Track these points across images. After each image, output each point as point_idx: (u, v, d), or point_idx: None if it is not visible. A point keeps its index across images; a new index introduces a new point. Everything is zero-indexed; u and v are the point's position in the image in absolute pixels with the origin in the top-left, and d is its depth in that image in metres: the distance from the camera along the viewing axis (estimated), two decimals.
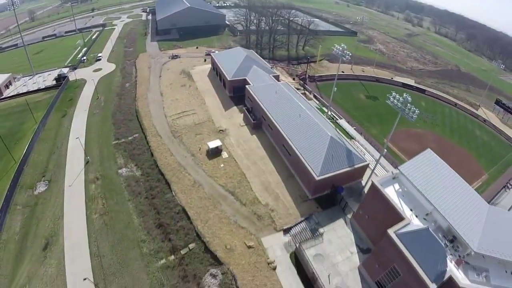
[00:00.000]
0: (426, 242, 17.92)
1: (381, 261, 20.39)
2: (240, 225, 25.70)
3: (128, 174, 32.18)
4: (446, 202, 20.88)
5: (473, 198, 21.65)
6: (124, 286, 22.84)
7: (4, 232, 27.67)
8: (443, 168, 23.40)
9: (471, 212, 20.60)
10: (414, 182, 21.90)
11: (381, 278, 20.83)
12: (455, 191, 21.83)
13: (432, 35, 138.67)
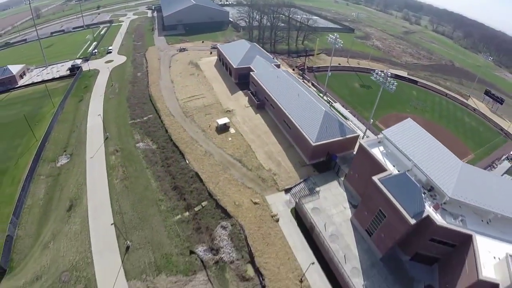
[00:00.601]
0: (405, 185, 22.11)
1: (369, 208, 24.61)
2: (247, 186, 30.21)
3: (145, 147, 36.89)
4: (424, 159, 25.17)
5: (448, 157, 25.79)
6: (144, 237, 27.09)
7: (29, 198, 32.07)
8: (421, 132, 27.83)
9: (446, 167, 24.75)
10: (395, 143, 26.27)
11: (370, 225, 24.97)
12: (432, 151, 26.13)
13: (429, 33, 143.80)
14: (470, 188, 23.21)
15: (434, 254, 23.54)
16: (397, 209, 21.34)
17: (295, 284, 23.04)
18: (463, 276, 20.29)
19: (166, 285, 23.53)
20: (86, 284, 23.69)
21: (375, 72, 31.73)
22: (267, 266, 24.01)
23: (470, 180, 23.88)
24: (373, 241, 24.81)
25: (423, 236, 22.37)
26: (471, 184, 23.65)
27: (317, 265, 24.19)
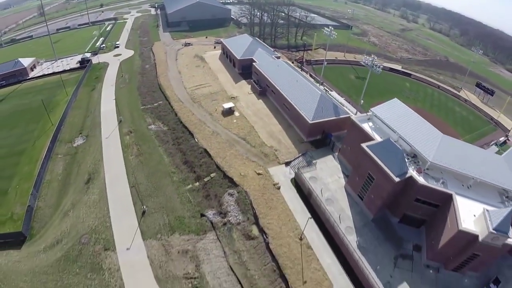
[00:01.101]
0: (389, 149, 25.80)
1: (359, 173, 28.38)
2: (251, 160, 34.13)
3: (156, 129, 40.96)
4: (408, 132, 28.76)
5: (430, 130, 29.37)
6: (159, 203, 30.92)
7: (47, 174, 35.80)
8: (406, 110, 31.67)
9: (428, 138, 28.34)
10: (382, 118, 30.10)
11: (361, 189, 28.60)
12: (415, 124, 29.79)
13: (426, 30, 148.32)
14: (450, 155, 26.91)
15: (420, 216, 27.04)
16: (383, 169, 25.12)
17: (295, 241, 26.71)
18: (446, 231, 23.87)
19: (180, 243, 27.27)
20: (104, 244, 27.15)
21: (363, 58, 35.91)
22: (270, 226, 27.72)
23: (450, 149, 27.63)
24: (365, 204, 28.48)
25: (409, 196, 25.91)
26: (451, 152, 27.37)
27: (315, 225, 27.77)
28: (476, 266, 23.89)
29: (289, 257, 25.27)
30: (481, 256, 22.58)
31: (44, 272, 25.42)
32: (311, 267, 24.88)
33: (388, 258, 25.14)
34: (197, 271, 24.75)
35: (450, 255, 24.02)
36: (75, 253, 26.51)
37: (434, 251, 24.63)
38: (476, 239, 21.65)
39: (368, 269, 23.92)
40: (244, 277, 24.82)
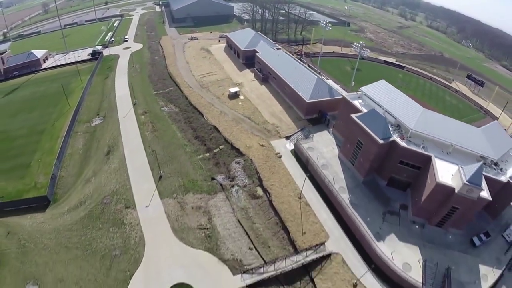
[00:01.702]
0: (374, 117, 30.90)
1: (350, 141, 33.46)
2: (255, 134, 39.36)
3: (169, 110, 46.24)
4: (392, 106, 33.81)
5: (412, 104, 34.37)
6: (174, 169, 35.86)
7: (69, 149, 40.74)
8: (392, 88, 36.83)
9: (411, 111, 33.36)
10: (370, 96, 35.22)
11: (352, 155, 33.55)
12: (399, 100, 34.96)
13: (423, 28, 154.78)
14: (430, 125, 31.62)
15: (405, 178, 31.79)
16: (369, 134, 30.16)
17: (295, 199, 31.50)
18: (426, 186, 28.44)
19: (193, 201, 31.99)
20: (125, 203, 31.62)
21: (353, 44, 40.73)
22: (272, 188, 32.56)
23: (430, 120, 32.48)
24: (356, 168, 33.54)
25: (393, 159, 30.74)
26: (431, 122, 32.14)
27: (312, 187, 32.41)
28: (458, 223, 28.33)
29: (290, 212, 30.04)
30: (460, 210, 26.91)
31: (68, 229, 29.65)
32: (309, 221, 29.55)
33: (377, 213, 29.84)
34: (209, 223, 29.44)
35: (432, 209, 28.55)
36: (98, 211, 30.93)
37: (418, 207, 29.27)
38: (453, 191, 26.10)
39: (359, 221, 28.49)
40: (250, 229, 29.51)
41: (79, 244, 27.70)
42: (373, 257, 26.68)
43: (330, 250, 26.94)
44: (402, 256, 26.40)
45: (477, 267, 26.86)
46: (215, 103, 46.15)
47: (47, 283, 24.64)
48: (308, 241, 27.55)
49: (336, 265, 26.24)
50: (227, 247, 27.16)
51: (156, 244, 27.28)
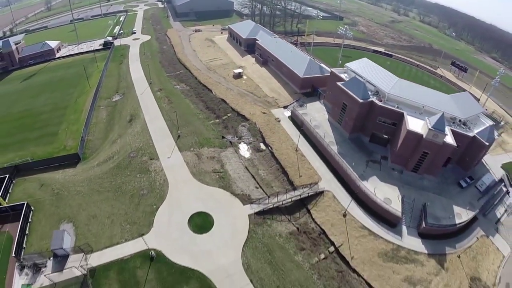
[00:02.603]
0: (355, 83, 39.80)
1: (337, 105, 42.19)
2: (258, 104, 48.29)
3: (181, 88, 55.05)
4: (372, 77, 42.50)
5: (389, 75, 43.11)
6: (190, 130, 43.83)
7: (93, 119, 48.18)
8: (372, 64, 45.87)
9: (387, 80, 42.08)
10: (354, 69, 44.09)
11: (339, 117, 42.16)
12: (378, 72, 43.95)
13: (415, 22, 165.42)
14: (404, 91, 40.22)
15: (384, 134, 40.21)
16: (351, 96, 39.02)
17: (293, 152, 39.96)
18: (401, 136, 36.66)
19: (208, 153, 40.20)
20: (149, 156, 39.38)
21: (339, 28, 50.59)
22: (273, 143, 41.03)
23: (404, 87, 41.19)
24: (342, 127, 42.37)
25: (373, 117, 39.27)
26: (405, 88, 40.78)
27: (306, 143, 40.69)
28: (431, 169, 36.18)
29: (288, 161, 38.42)
30: (430, 155, 34.61)
31: (99, 177, 36.65)
32: (305, 167, 37.89)
33: (362, 161, 38.19)
34: (221, 168, 37.60)
35: (407, 156, 36.58)
36: (125, 163, 38.33)
37: (395, 154, 37.72)
38: (421, 137, 34.12)
39: (346, 165, 36.65)
40: (256, 174, 37.73)
41: (110, 188, 34.96)
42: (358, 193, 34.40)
43: (323, 188, 34.97)
44: (383, 192, 34.33)
45: (451, 206, 34.57)
46: (222, 82, 55.16)
47: (81, 220, 31.32)
48: (304, 181, 35.71)
49: (328, 200, 34.24)
50: (237, 186, 35.28)
51: (178, 184, 34.97)
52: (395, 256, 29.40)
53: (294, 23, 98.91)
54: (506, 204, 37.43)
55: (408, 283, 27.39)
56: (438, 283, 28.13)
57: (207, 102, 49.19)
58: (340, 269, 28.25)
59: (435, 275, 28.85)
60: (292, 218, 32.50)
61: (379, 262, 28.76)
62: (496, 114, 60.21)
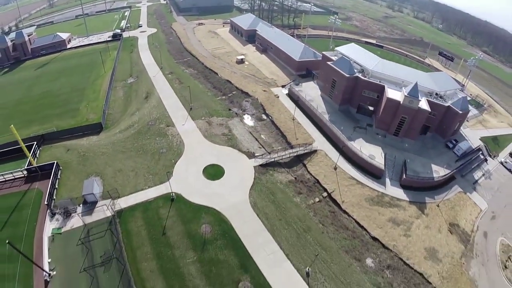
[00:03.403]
0: (342, 61, 48.59)
1: (328, 81, 50.77)
2: (259, 84, 56.86)
3: (190, 72, 63.46)
4: (358, 57, 51.28)
5: (373, 56, 52.32)
6: (200, 104, 51.87)
7: (112, 96, 55.84)
8: (359, 47, 55.32)
9: (371, 60, 51.10)
10: (342, 52, 52.96)
11: (329, 91, 50.84)
12: (363, 54, 53.11)
13: (409, 18, 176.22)
14: (386, 68, 48.91)
15: (369, 105, 48.46)
16: (339, 72, 47.67)
17: (290, 120, 48.20)
18: (382, 104, 45.02)
19: (217, 121, 48.39)
20: (166, 123, 47.13)
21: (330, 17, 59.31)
22: (273, 114, 49.47)
23: (386, 65, 50.01)
24: (333, 100, 51.02)
25: (358, 90, 47.69)
26: (387, 67, 49.55)
27: (302, 114, 48.77)
28: (410, 133, 43.91)
29: (286, 127, 46.76)
30: (408, 119, 42.45)
31: (122, 141, 43.95)
32: (300, 132, 46.13)
33: (350, 127, 46.55)
34: (229, 133, 45.53)
35: (388, 121, 44.58)
36: (145, 130, 45.99)
37: (378, 120, 46.12)
38: (399, 103, 42.28)
39: (336, 129, 44.63)
40: (259, 137, 45.80)
41: (132, 148, 42.06)
42: (346, 150, 42.07)
43: (316, 147, 42.97)
44: (368, 150, 42.13)
45: (429, 164, 42.13)
46: (226, 67, 63.77)
47: (107, 174, 38.02)
48: (300, 142, 43.65)
49: (321, 157, 42.10)
50: (243, 145, 43.27)
51: (193, 144, 42.64)
52: (380, 201, 36.76)
53: (291, 17, 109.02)
54: (484, 170, 45.05)
55: (392, 223, 34.33)
56: (419, 225, 34.91)
57: (214, 83, 57.58)
58: (332, 210, 35.64)
59: (416, 218, 35.75)
60: (291, 170, 40.39)
61: (366, 206, 36.10)
62: (480, 98, 69.10)
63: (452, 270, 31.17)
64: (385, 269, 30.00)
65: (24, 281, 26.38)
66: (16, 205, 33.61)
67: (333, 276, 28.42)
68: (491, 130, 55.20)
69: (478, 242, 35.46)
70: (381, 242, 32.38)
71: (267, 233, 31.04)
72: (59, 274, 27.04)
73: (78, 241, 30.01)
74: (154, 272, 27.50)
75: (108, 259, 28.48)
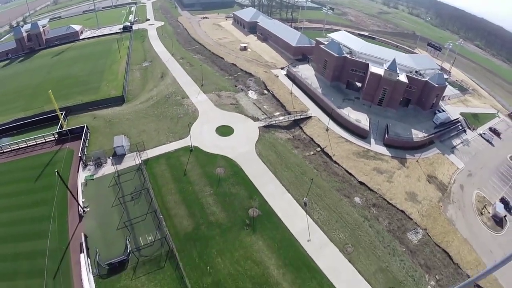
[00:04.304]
0: (332, 44, 59.68)
1: (320, 61, 62.31)
2: (261, 67, 67.94)
3: (198, 57, 74.60)
4: (347, 41, 62.74)
5: (360, 40, 64.51)
6: (210, 82, 62.39)
7: (130, 76, 66.00)
8: (348, 34, 67.09)
9: (358, 43, 63.02)
10: (333, 38, 64.08)
11: (322, 70, 62.31)
12: (351, 38, 64.95)
13: (403, 14, 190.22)
14: (370, 50, 60.43)
15: (357, 81, 59.80)
16: (330, 53, 58.95)
17: (288, 94, 59.03)
18: (367, 79, 55.82)
19: (225, 94, 58.95)
20: (181, 96, 57.37)
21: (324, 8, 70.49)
22: (274, 89, 60.27)
23: (371, 48, 62.00)
24: (325, 77, 62.17)
25: (346, 68, 58.85)
26: (371, 49, 61.33)
27: (298, 89, 59.57)
28: (391, 103, 54.57)
29: (285, 99, 57.56)
30: (388, 90, 53.22)
31: (143, 110, 53.89)
32: (297, 103, 57.08)
33: (340, 99, 57.55)
34: (237, 103, 55.91)
35: (372, 93, 55.50)
36: (163, 101, 56.25)
37: (364, 92, 56.95)
38: (380, 77, 53.23)
39: (327, 100, 55.24)
40: (261, 107, 56.27)
41: (153, 115, 52.02)
42: (335, 116, 52.35)
43: (311, 113, 53.43)
44: (355, 115, 52.60)
45: (409, 129, 52.18)
46: (231, 53, 75.33)
47: (133, 133, 47.41)
48: (297, 110, 54.04)
49: (315, 121, 52.68)
50: (248, 112, 53.79)
51: (206, 111, 52.84)
52: (365, 155, 46.57)
53: (289, 12, 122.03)
54: (462, 138, 54.60)
55: (377, 171, 43.55)
56: (400, 174, 44.02)
57: (221, 66, 68.73)
58: (325, 161, 45.47)
59: (398, 169, 45.00)
60: (289, 131, 50.77)
61: (353, 158, 45.88)
62: (465, 83, 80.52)
63: (430, 211, 39.10)
64: (371, 206, 38.48)
65: (59, 219, 33.12)
66: (49, 161, 41.27)
67: (327, 206, 37.30)
68: (472, 108, 65.99)
69: (455, 192, 43.14)
70: (367, 186, 40.84)
71: (270, 174, 40.63)
72: (93, 209, 34.28)
73: (109, 183, 37.62)
74: (178, 203, 35.90)
75: (137, 195, 36.10)
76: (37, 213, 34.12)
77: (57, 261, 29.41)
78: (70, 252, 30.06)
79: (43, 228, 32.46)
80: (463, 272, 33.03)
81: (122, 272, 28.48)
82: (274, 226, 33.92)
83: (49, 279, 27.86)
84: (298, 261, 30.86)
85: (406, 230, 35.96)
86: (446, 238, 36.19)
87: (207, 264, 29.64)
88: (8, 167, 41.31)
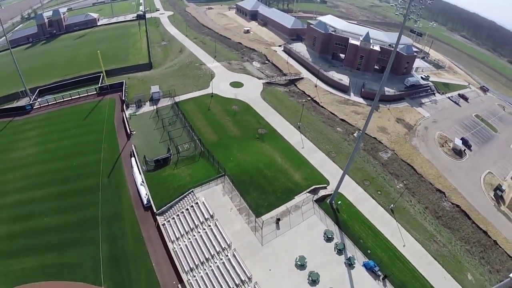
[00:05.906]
0: (320, 24, 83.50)
1: (311, 38, 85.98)
2: (262, 44, 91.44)
3: (209, 38, 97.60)
4: (333, 23, 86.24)
5: (342, 21, 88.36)
6: (221, 55, 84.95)
7: (153, 51, 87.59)
8: (334, 17, 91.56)
9: (341, 23, 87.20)
10: (322, 19, 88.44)
11: (312, 45, 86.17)
12: (337, 20, 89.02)
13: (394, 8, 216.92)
14: (351, 28, 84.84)
15: (340, 53, 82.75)
16: (317, 30, 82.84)
17: (285, 63, 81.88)
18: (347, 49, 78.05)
19: (234, 63, 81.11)
20: (199, 63, 79.32)
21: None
22: (273, 59, 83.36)
23: (352, 26, 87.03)
24: (315, 51, 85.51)
25: (331, 42, 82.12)
26: (352, 27, 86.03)
27: (293, 60, 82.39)
28: (367, 68, 77.22)
29: (283, 67, 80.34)
30: (364, 57, 76.12)
31: (169, 72, 75.50)
32: (293, 69, 79.80)
33: (326, 65, 79.95)
34: (244, 68, 78.43)
35: (352, 59, 78.40)
36: (185, 66, 78.33)
37: (345, 59, 79.68)
38: (357, 46, 76.17)
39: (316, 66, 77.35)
40: (264, 72, 77.00)
41: (178, 75, 73.23)
42: (322, 76, 73.96)
43: (303, 75, 74.61)
44: (338, 76, 74.54)
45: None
46: (236, 35, 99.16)
47: (163, 87, 66.90)
48: (292, 73, 75.43)
49: (306, 81, 75.00)
50: (254, 74, 75.71)
51: (220, 73, 74.27)
52: (346, 102, 68.25)
53: (285, 4, 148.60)
54: (431, 98, 74.73)
55: (354, 113, 64.73)
56: (373, 116, 63.62)
57: (229, 44, 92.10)
58: (314, 106, 66.58)
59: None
60: (286, 87, 72.52)
61: (336, 104, 67.44)
62: (441, 62, 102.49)
63: (398, 139, 56.26)
64: (350, 134, 58.60)
65: (109, 141, 48.71)
66: (94, 107, 58.56)
67: (315, 130, 57.58)
68: (444, 80, 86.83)
69: (420, 130, 60.41)
70: (347, 121, 60.93)
71: (273, 110, 61.50)
72: (138, 132, 50.47)
73: (150, 116, 55.01)
74: (205, 126, 55.12)
75: (173, 120, 54.15)
76: (90, 138, 49.55)
77: (111, 166, 43.83)
78: (121, 160, 44.96)
79: (97, 147, 47.44)
80: (426, 180, 47.28)
81: (166, 167, 43.78)
82: (277, 139, 52.78)
83: (104, 178, 41.75)
84: (296, 157, 48.39)
85: (378, 150, 52.98)
86: (411, 157, 51.87)
87: (230, 156, 47.07)
88: (56, 113, 57.34)
